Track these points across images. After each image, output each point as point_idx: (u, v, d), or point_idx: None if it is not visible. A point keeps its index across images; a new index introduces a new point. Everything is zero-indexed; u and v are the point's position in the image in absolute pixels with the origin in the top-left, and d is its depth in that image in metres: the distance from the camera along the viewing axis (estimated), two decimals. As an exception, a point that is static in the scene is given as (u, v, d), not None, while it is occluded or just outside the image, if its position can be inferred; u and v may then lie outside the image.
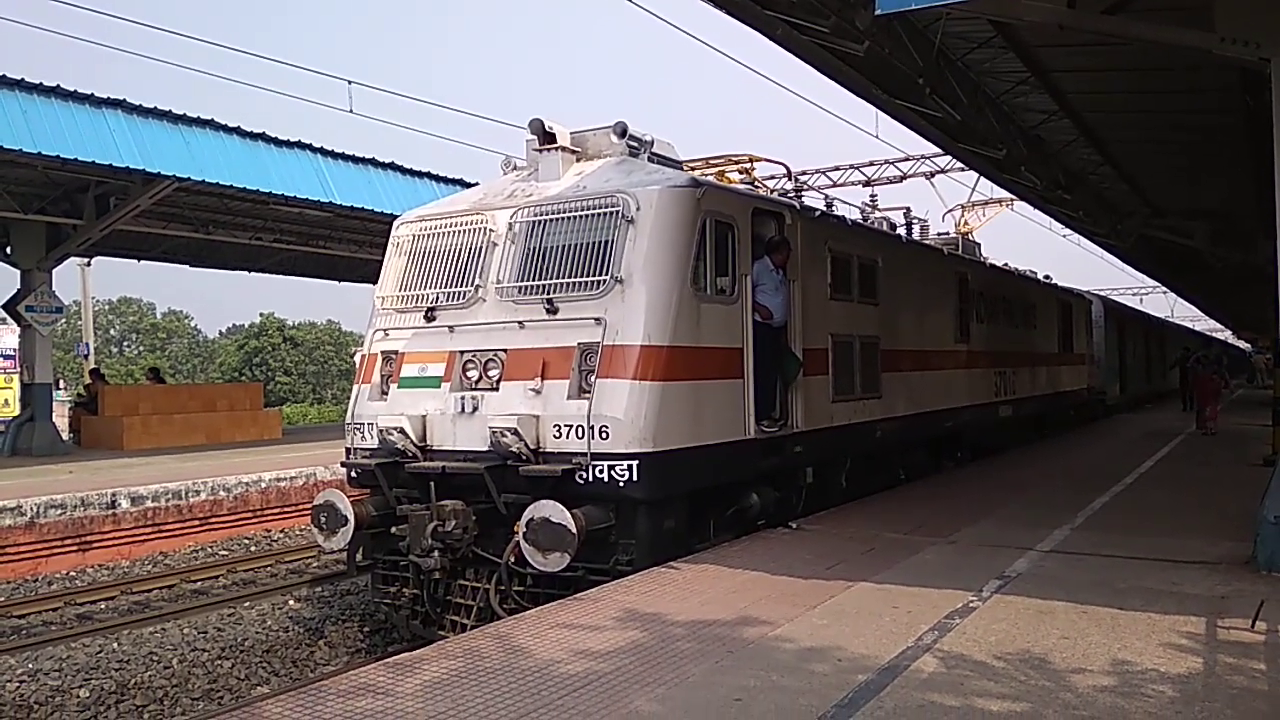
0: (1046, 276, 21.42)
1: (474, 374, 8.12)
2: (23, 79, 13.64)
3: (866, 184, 24.24)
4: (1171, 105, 12.81)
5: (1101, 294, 29.29)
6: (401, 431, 8.06)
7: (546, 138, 8.82)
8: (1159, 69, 10.85)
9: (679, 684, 4.67)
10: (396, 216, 9.65)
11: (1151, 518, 9.23)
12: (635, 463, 7.24)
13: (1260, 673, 4.72)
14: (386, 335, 8.86)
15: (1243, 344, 72.38)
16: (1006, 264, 18.47)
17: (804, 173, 23.23)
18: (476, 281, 8.36)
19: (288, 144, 17.15)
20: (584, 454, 7.34)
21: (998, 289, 16.66)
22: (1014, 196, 20.40)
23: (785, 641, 5.32)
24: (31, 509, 11.80)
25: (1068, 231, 24.86)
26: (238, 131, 16.31)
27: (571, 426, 7.44)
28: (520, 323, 7.98)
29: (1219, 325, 67.62)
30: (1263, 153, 8.57)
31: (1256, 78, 8.45)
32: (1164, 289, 45.72)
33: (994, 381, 15.96)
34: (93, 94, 14.39)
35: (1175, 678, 4.62)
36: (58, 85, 14.01)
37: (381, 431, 8.22)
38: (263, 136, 16.72)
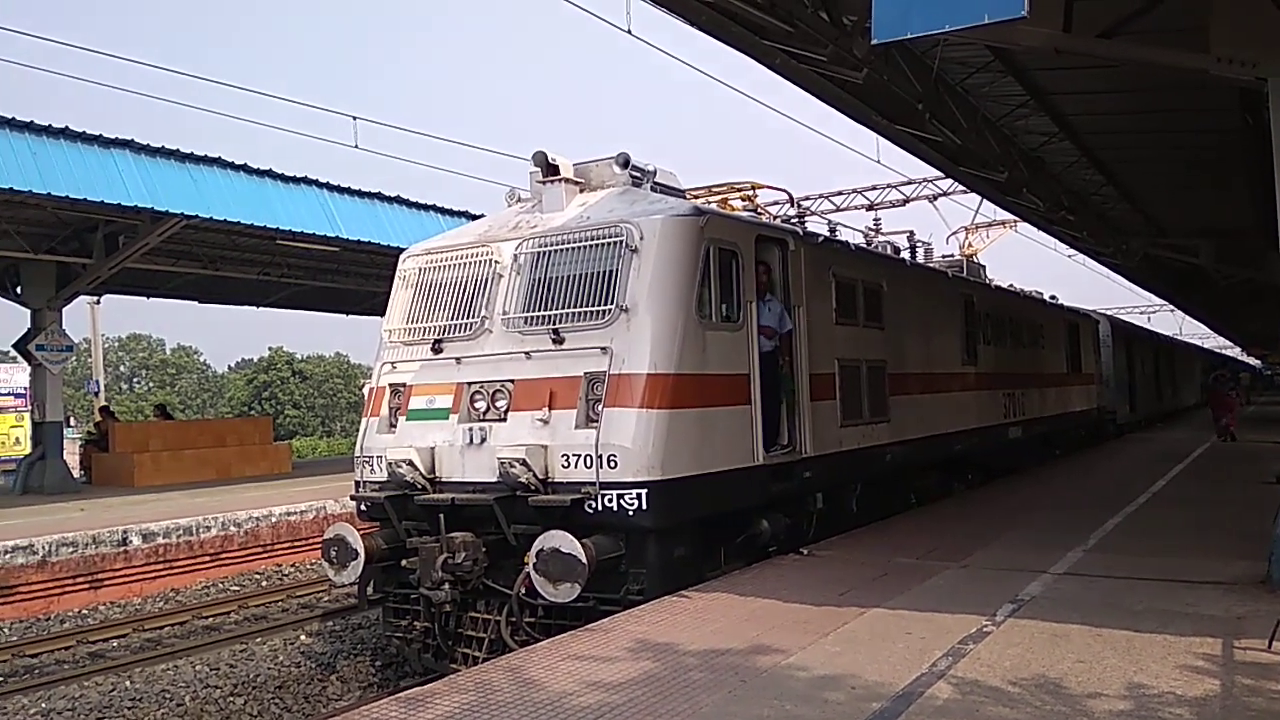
0: (1053, 297, 21.42)
1: (482, 405, 8.15)
2: (32, 121, 13.84)
3: (870, 208, 24.28)
4: (1171, 125, 12.85)
5: (1109, 313, 29.27)
6: (410, 464, 8.08)
7: (550, 170, 8.90)
8: (1157, 89, 10.90)
9: (692, 715, 4.65)
10: (403, 249, 9.73)
11: (1165, 537, 9.18)
12: (644, 491, 7.24)
13: (1278, 693, 4.68)
14: (394, 368, 8.90)
15: (1253, 360, 72.06)
16: (1012, 285, 18.49)
17: (807, 198, 23.35)
18: (483, 313, 8.41)
19: (294, 180, 17.31)
20: (593, 483, 7.34)
21: (1004, 310, 16.66)
22: (1017, 218, 20.44)
23: (799, 670, 5.29)
24: (43, 548, 11.82)
25: (1072, 251, 24.86)
26: (245, 169, 16.48)
27: (580, 456, 7.45)
28: (527, 353, 8.01)
29: (1227, 342, 67.39)
30: (1264, 170, 8.59)
31: (1255, 96, 8.48)
32: (1171, 307, 45.63)
33: (1003, 403, 15.93)
34: (101, 134, 14.58)
35: (1192, 700, 4.59)
36: (66, 127, 14.19)
37: (390, 464, 8.23)
38: (269, 173, 16.89)
